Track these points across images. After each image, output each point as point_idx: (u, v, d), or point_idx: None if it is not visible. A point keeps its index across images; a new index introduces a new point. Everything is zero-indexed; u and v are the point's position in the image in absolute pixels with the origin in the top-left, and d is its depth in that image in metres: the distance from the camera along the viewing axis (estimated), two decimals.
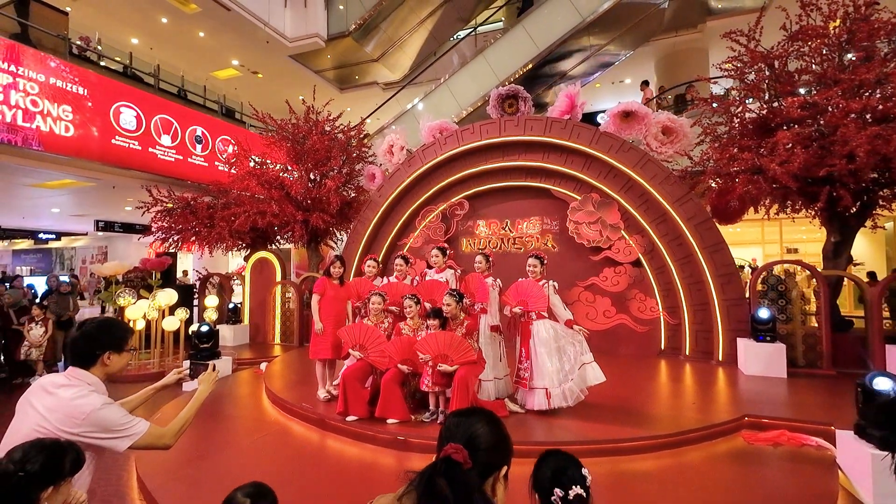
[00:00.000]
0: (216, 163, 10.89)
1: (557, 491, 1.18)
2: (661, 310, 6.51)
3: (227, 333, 8.33)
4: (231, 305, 8.84)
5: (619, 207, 6.64)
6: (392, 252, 7.80)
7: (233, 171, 9.28)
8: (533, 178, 7.30)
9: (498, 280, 4.63)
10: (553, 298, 4.22)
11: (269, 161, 9.19)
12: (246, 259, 9.61)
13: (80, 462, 1.38)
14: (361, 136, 9.64)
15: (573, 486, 1.18)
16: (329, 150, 8.93)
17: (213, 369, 2.12)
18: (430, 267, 5.24)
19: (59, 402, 1.54)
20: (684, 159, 6.53)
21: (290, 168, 9.16)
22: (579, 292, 6.91)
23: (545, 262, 4.36)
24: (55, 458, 1.31)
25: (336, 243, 10.09)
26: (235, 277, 10.14)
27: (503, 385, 4.45)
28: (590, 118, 8.28)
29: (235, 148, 9.68)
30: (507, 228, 7.61)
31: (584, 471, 1.23)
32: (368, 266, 5.16)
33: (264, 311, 8.81)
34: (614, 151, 6.52)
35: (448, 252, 5.20)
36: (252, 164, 9.10)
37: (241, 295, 9.39)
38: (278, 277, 8.79)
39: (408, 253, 6.49)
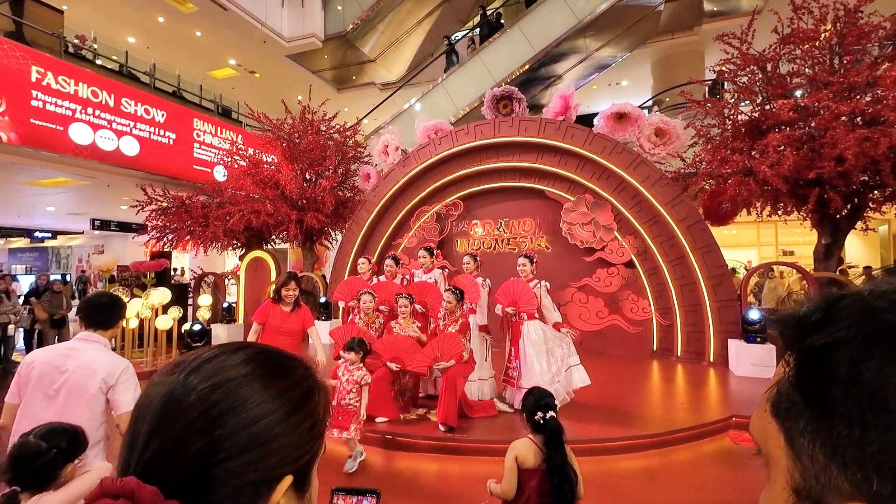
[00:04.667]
0: None
1: (539, 413, 1.82)
2: (653, 311, 6.53)
3: (220, 333, 8.30)
4: (225, 305, 8.82)
5: (612, 209, 6.66)
6: (386, 252, 7.80)
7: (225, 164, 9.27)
8: (527, 179, 7.31)
9: (487, 280, 4.65)
10: (545, 300, 4.23)
11: (265, 154, 9.16)
12: (241, 258, 9.60)
13: (86, 443, 1.55)
14: (356, 135, 9.63)
15: (549, 411, 1.83)
16: (324, 149, 8.93)
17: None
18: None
19: (99, 356, 1.80)
20: (677, 161, 6.55)
21: (280, 171, 9.15)
22: (572, 293, 6.93)
23: (535, 260, 4.38)
24: (75, 438, 1.49)
25: (331, 243, 10.09)
26: (230, 276, 10.12)
27: (488, 386, 4.44)
28: (587, 120, 8.26)
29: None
30: (501, 229, 7.62)
31: (556, 402, 1.96)
32: (361, 264, 5.18)
33: None
34: (607, 153, 6.54)
35: (435, 252, 5.21)
36: (247, 159, 9.09)
37: (235, 294, 9.37)
38: (273, 277, 8.77)
39: (402, 253, 6.50)
